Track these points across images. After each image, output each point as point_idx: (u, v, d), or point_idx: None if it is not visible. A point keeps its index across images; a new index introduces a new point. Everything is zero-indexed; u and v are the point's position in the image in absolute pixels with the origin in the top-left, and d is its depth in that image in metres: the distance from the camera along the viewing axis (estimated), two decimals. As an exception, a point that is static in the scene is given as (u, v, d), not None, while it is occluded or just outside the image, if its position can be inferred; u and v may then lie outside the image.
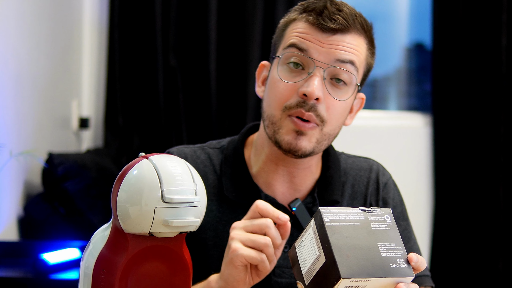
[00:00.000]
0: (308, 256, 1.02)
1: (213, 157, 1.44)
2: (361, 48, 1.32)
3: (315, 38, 1.29)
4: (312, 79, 1.28)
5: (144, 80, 3.19)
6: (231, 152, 1.43)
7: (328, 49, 1.29)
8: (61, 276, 2.00)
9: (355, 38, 1.31)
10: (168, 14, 3.15)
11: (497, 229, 3.15)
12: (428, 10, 3.29)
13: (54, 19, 2.88)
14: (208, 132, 3.15)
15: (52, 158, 2.57)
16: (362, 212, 1.03)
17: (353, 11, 1.33)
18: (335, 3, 1.32)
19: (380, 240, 1.01)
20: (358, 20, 1.32)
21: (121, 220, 0.98)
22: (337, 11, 1.30)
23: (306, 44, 1.30)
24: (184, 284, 1.04)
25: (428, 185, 3.30)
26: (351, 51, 1.30)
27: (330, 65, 1.29)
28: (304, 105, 1.29)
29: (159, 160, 0.99)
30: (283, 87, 1.31)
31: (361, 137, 3.33)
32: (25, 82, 2.53)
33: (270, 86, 1.35)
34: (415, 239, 1.45)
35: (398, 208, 1.45)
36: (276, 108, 1.32)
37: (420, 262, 1.02)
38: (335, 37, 1.29)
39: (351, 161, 1.47)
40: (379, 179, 1.45)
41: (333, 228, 1.00)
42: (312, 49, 1.29)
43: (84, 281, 1.01)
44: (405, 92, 3.63)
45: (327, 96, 1.30)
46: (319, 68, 1.28)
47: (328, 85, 1.30)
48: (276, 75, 1.32)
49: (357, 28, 1.31)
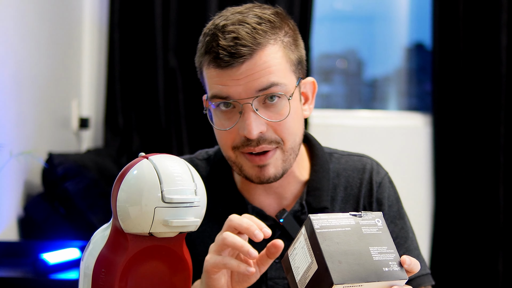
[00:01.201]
0: (301, 263, 1.02)
1: (201, 169, 1.43)
2: (275, 56, 1.26)
3: (228, 79, 1.25)
4: (246, 118, 1.25)
5: (144, 80, 3.19)
6: (217, 165, 1.42)
7: (245, 84, 1.25)
8: (61, 276, 2.00)
9: (264, 53, 1.25)
10: (168, 14, 3.15)
11: (497, 229, 3.15)
12: (428, 10, 3.29)
13: (54, 19, 2.88)
14: (208, 132, 3.15)
15: (52, 158, 2.57)
16: (353, 217, 1.03)
17: (252, 24, 1.25)
18: (228, 30, 1.25)
19: (372, 244, 1.01)
20: (261, 30, 1.25)
21: (121, 220, 0.98)
22: (233, 41, 1.24)
23: (224, 91, 1.26)
24: (184, 284, 1.04)
25: (428, 185, 3.30)
26: (268, 71, 1.25)
27: (254, 96, 1.25)
28: (251, 142, 1.27)
29: (159, 160, 0.99)
30: (223, 133, 1.29)
31: (361, 137, 3.33)
32: (25, 82, 2.53)
33: (215, 132, 1.33)
34: (412, 238, 1.42)
35: (394, 207, 1.42)
36: (227, 151, 1.31)
37: (413, 265, 1.01)
38: (244, 67, 1.24)
39: (344, 161, 1.43)
40: (372, 179, 1.41)
41: (324, 235, 1.00)
42: (231, 92, 1.25)
43: (84, 281, 1.01)
44: (405, 92, 3.63)
45: (268, 122, 1.27)
46: (246, 104, 1.25)
47: (262, 111, 1.26)
48: (212, 124, 1.31)
49: (261, 43, 1.25)
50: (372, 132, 3.35)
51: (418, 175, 3.30)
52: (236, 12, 1.29)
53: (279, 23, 1.29)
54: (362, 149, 1.54)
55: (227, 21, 1.27)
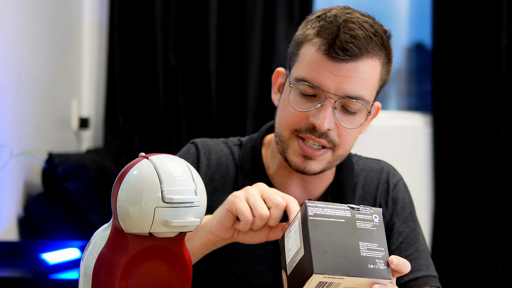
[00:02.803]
0: (292, 247, 1.02)
1: (235, 152, 1.45)
2: (374, 72, 1.31)
3: (327, 70, 1.28)
4: (323, 110, 1.29)
5: (144, 80, 3.19)
6: (249, 150, 1.44)
7: (340, 83, 1.28)
8: (61, 276, 2.00)
9: (369, 62, 1.29)
10: (168, 14, 3.15)
11: (497, 229, 3.15)
12: (428, 10, 3.29)
13: (54, 19, 2.88)
14: (208, 132, 3.15)
15: (52, 158, 2.57)
16: (350, 210, 1.02)
17: (369, 32, 1.29)
18: (349, 27, 1.28)
19: (363, 239, 1.00)
20: (374, 41, 1.30)
21: (121, 220, 0.98)
22: (351, 39, 1.27)
23: (318, 80, 1.29)
24: (184, 284, 1.04)
25: (428, 185, 3.30)
26: (363, 82, 1.29)
27: (341, 97, 1.29)
28: (314, 132, 1.30)
29: (159, 160, 0.99)
30: (294, 112, 1.32)
31: (361, 137, 3.33)
32: (25, 82, 2.53)
33: (282, 106, 1.35)
34: (422, 240, 1.44)
35: (407, 209, 1.45)
36: (286, 129, 1.33)
37: (401, 265, 1.00)
38: (348, 66, 1.28)
39: (363, 163, 1.48)
40: (389, 180, 1.46)
41: (315, 223, 0.99)
42: (323, 82, 1.28)
43: (84, 281, 1.01)
44: (405, 92, 3.63)
45: (338, 124, 1.31)
46: (329, 99, 1.29)
47: (339, 113, 1.30)
48: (287, 100, 1.33)
49: (371, 52, 1.29)
50: (372, 132, 3.34)
51: (418, 175, 3.30)
52: (355, 13, 1.32)
53: (386, 44, 1.33)
54: (362, 149, 1.56)
55: (348, 17, 1.30)
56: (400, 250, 1.41)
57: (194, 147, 1.45)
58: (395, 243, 1.41)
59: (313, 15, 1.36)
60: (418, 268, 1.40)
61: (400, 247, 1.41)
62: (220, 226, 1.19)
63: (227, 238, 1.21)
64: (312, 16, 1.35)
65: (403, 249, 1.41)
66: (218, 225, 1.19)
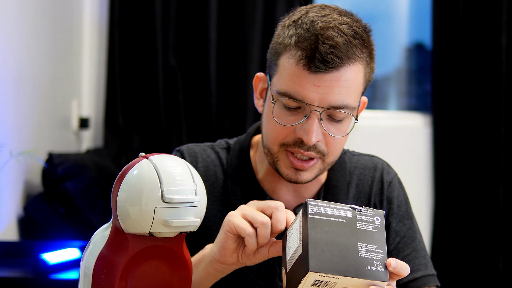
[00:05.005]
0: (292, 244, 1.02)
1: (222, 157, 1.43)
2: (357, 77, 1.27)
3: (309, 83, 1.24)
4: (309, 124, 1.25)
5: (144, 80, 3.19)
6: (237, 154, 1.42)
7: (323, 94, 1.24)
8: (61, 276, 2.00)
9: (351, 68, 1.25)
10: (168, 14, 3.15)
11: (497, 229, 3.15)
12: (428, 10, 3.29)
13: (54, 19, 2.88)
14: (208, 132, 3.15)
15: (52, 158, 2.57)
16: (352, 210, 1.02)
17: (348, 37, 1.24)
18: (327, 36, 1.23)
19: (362, 241, 0.99)
20: (354, 45, 1.25)
21: (121, 220, 0.98)
22: (330, 49, 1.22)
23: (301, 93, 1.25)
24: (183, 283, 1.04)
25: (428, 185, 3.30)
26: (347, 90, 1.25)
27: (326, 108, 1.25)
28: (303, 146, 1.27)
29: (159, 160, 0.99)
30: (279, 126, 1.28)
31: (361, 137, 3.33)
32: (25, 82, 2.53)
33: (267, 119, 1.32)
34: (420, 239, 1.44)
35: (403, 207, 1.44)
36: (273, 144, 1.31)
37: (399, 268, 1.00)
38: (330, 76, 1.23)
39: (356, 160, 1.46)
40: (383, 178, 1.44)
41: (315, 221, 0.99)
42: (307, 95, 1.24)
43: (84, 281, 1.01)
44: (405, 92, 3.63)
45: (326, 134, 1.28)
46: (315, 111, 1.25)
47: (325, 123, 1.27)
48: (271, 113, 1.29)
49: (352, 58, 1.25)
50: (372, 132, 3.34)
51: (418, 175, 3.30)
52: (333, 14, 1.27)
53: (367, 42, 1.29)
54: (362, 149, 1.55)
55: (325, 24, 1.25)
56: (397, 250, 1.40)
57: (180, 155, 1.42)
58: (393, 243, 1.41)
59: (289, 17, 1.31)
60: (416, 268, 1.39)
61: (398, 247, 1.40)
62: (224, 251, 1.15)
63: (233, 263, 1.17)
64: (288, 20, 1.30)
65: (400, 249, 1.40)
66: (222, 250, 1.15)
